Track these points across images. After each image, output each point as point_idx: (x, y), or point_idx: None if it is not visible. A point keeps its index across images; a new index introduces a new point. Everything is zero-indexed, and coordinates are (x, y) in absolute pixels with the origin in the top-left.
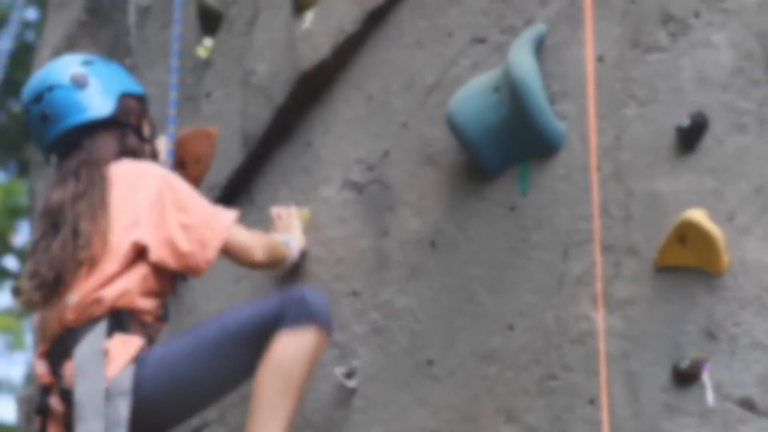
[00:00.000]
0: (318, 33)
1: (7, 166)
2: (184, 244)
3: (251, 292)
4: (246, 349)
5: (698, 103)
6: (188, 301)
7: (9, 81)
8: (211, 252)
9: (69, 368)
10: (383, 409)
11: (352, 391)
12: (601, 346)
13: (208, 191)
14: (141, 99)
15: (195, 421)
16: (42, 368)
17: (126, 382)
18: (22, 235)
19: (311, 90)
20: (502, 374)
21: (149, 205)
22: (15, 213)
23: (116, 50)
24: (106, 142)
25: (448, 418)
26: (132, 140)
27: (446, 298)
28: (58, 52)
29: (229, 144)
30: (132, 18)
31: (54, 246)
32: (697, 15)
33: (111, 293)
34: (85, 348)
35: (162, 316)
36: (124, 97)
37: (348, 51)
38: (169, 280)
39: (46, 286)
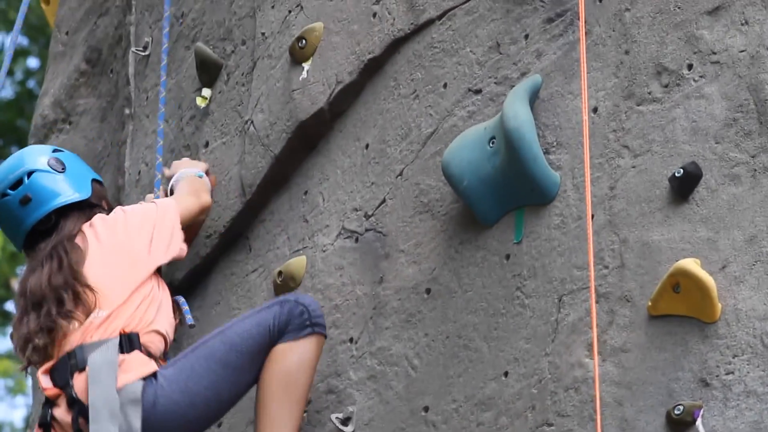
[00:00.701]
0: (315, 83)
1: None
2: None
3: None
4: (251, 359)
5: (691, 153)
6: (214, 295)
7: (11, 127)
8: (178, 239)
9: (80, 379)
10: None
11: None
12: (597, 393)
13: (206, 238)
14: (101, 183)
15: None
16: (47, 383)
17: (137, 391)
18: None
19: (308, 139)
20: (498, 420)
21: (134, 237)
22: (16, 259)
23: (115, 99)
24: (78, 221)
25: None
26: (91, 212)
27: (442, 345)
28: (58, 101)
29: (227, 192)
30: (131, 68)
31: (41, 318)
32: (690, 67)
33: (118, 319)
34: (99, 358)
35: (165, 356)
36: (94, 182)
37: (345, 101)
38: (169, 322)
39: (41, 350)
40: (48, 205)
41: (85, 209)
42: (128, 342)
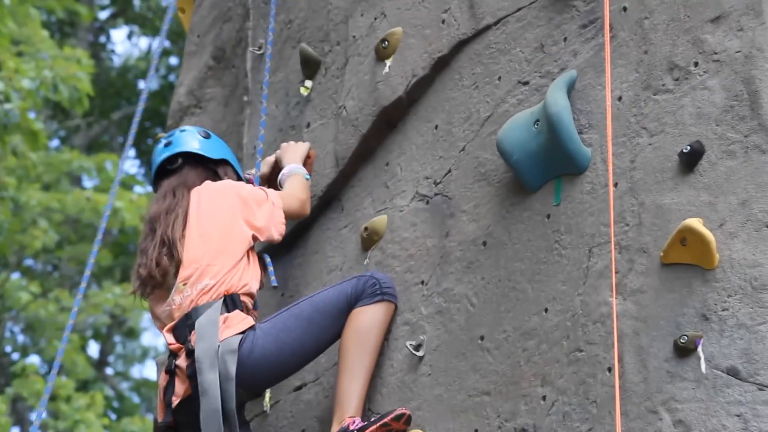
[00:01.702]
0: (395, 76)
1: None
2: (265, 231)
3: (339, 280)
4: (331, 320)
5: (696, 134)
6: (292, 288)
7: (157, 113)
8: (281, 228)
9: (194, 335)
10: (444, 374)
11: (419, 360)
12: (615, 325)
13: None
14: (234, 169)
15: (295, 382)
16: (171, 339)
17: (234, 343)
18: None
19: (389, 121)
20: (539, 347)
21: (238, 210)
22: None
23: (236, 89)
24: (200, 176)
25: (495, 381)
26: (211, 176)
27: (495, 287)
28: (191, 90)
29: (324, 163)
30: (248, 64)
31: (149, 251)
32: (696, 64)
33: (222, 284)
34: (204, 319)
35: (255, 306)
36: (229, 164)
37: (419, 91)
38: (257, 280)
39: (146, 283)
40: (178, 148)
41: (210, 171)
42: (231, 302)
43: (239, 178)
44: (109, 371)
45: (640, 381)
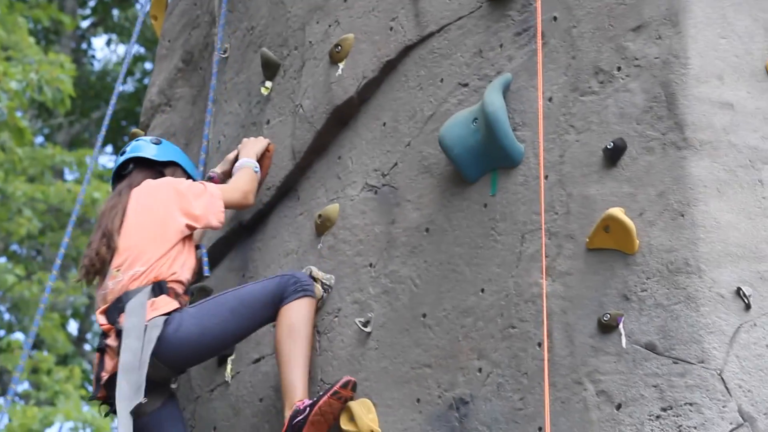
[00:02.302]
0: (347, 78)
1: None
2: (203, 218)
3: (295, 264)
4: (253, 312)
5: (619, 131)
6: (252, 270)
7: (132, 113)
8: (220, 216)
9: (123, 316)
10: (390, 348)
11: (367, 335)
12: (544, 305)
13: (266, 190)
14: (184, 170)
15: (254, 355)
16: (103, 320)
17: (159, 322)
18: None
19: (341, 119)
20: (476, 324)
21: (173, 202)
22: None
23: (203, 89)
24: (146, 177)
25: (436, 355)
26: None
27: (436, 269)
28: (162, 90)
29: (282, 156)
30: (214, 66)
31: (93, 243)
32: (619, 69)
33: (152, 271)
34: (133, 302)
35: (186, 293)
36: (178, 166)
37: (368, 91)
38: (189, 269)
39: (88, 271)
40: (129, 155)
41: (158, 173)
42: (159, 288)
43: (189, 177)
44: (87, 347)
45: (567, 355)
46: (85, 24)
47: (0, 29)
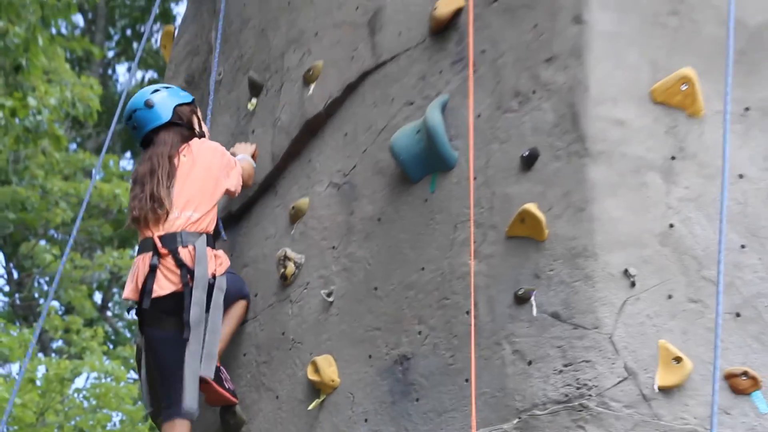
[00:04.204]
0: (317, 97)
1: None
2: (233, 188)
3: (273, 246)
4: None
5: (533, 142)
6: (238, 250)
7: None
8: (239, 186)
9: (184, 252)
10: (348, 315)
11: (330, 304)
12: (472, 281)
13: (253, 186)
14: (191, 104)
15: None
16: (159, 243)
17: (223, 282)
18: None
19: (312, 130)
20: (417, 296)
21: (221, 170)
22: None
23: (202, 104)
24: (168, 136)
25: (385, 321)
26: (184, 131)
27: (386, 252)
28: None
29: (263, 160)
30: (211, 86)
31: (140, 199)
32: (534, 92)
33: (203, 222)
34: (200, 246)
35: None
36: (178, 107)
37: (334, 107)
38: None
39: (138, 221)
40: (143, 130)
41: (172, 126)
42: (209, 240)
43: (191, 104)
44: (108, 313)
45: (489, 321)
46: (110, 54)
47: (42, 57)
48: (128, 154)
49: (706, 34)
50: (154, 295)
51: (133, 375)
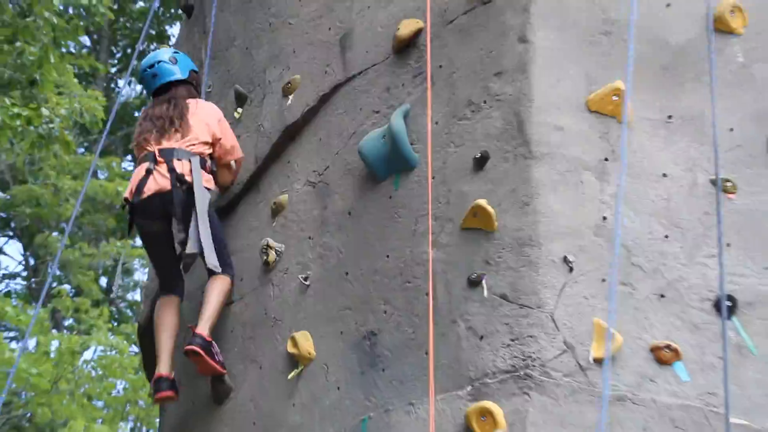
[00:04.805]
0: (295, 106)
1: None
2: (228, 145)
3: (256, 237)
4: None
5: (484, 146)
6: (227, 239)
7: None
8: (237, 153)
9: (179, 163)
10: (322, 296)
11: (307, 287)
12: (430, 267)
13: (237, 185)
14: (197, 72)
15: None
16: (158, 154)
17: (209, 195)
18: None
19: (290, 135)
20: (383, 280)
21: (215, 122)
22: None
23: None
24: (182, 90)
25: (354, 301)
26: (192, 90)
27: (355, 241)
28: None
29: (248, 161)
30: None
31: (152, 120)
32: (485, 102)
33: (198, 147)
34: (195, 162)
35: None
36: (192, 72)
37: (310, 115)
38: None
39: (145, 140)
40: (165, 78)
41: (188, 83)
42: (203, 162)
43: (197, 73)
44: (112, 296)
45: (446, 302)
46: (113, 70)
47: (54, 73)
48: (129, 157)
49: (635, 50)
50: (145, 193)
51: (134, 348)
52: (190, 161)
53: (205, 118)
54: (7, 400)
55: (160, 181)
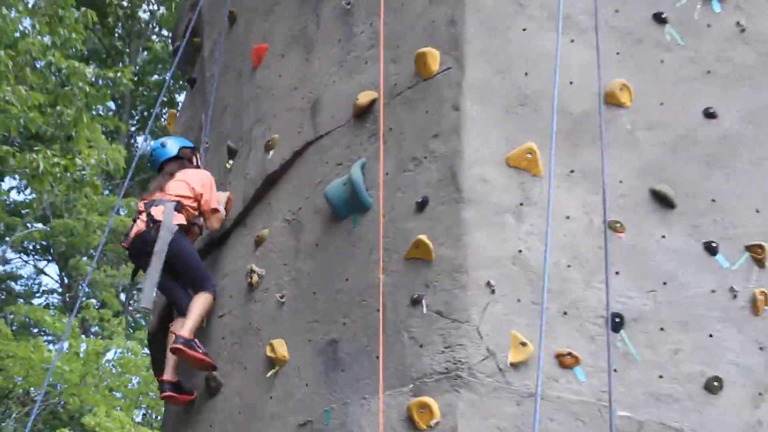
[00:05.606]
0: (274, 159)
1: None
2: (209, 204)
3: (243, 263)
4: (195, 274)
5: (425, 192)
6: (219, 265)
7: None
8: (213, 204)
9: (156, 210)
10: (294, 312)
11: (282, 304)
12: (381, 289)
13: (228, 221)
14: (192, 148)
15: (219, 312)
16: (141, 205)
17: (176, 227)
18: None
19: (271, 182)
20: (343, 298)
21: (197, 183)
22: None
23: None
24: (173, 165)
25: (320, 316)
26: (184, 162)
27: (321, 267)
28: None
29: (236, 202)
30: (202, 153)
31: (150, 188)
32: (425, 157)
33: (178, 198)
34: (169, 206)
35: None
36: (183, 148)
37: (286, 167)
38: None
39: (144, 200)
40: (159, 161)
41: (178, 159)
42: (179, 207)
43: (192, 148)
44: (129, 308)
45: (393, 317)
46: (132, 128)
47: (86, 130)
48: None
49: (544, 119)
50: (130, 237)
51: (146, 351)
52: (164, 206)
53: (187, 180)
54: (46, 391)
55: (140, 225)
